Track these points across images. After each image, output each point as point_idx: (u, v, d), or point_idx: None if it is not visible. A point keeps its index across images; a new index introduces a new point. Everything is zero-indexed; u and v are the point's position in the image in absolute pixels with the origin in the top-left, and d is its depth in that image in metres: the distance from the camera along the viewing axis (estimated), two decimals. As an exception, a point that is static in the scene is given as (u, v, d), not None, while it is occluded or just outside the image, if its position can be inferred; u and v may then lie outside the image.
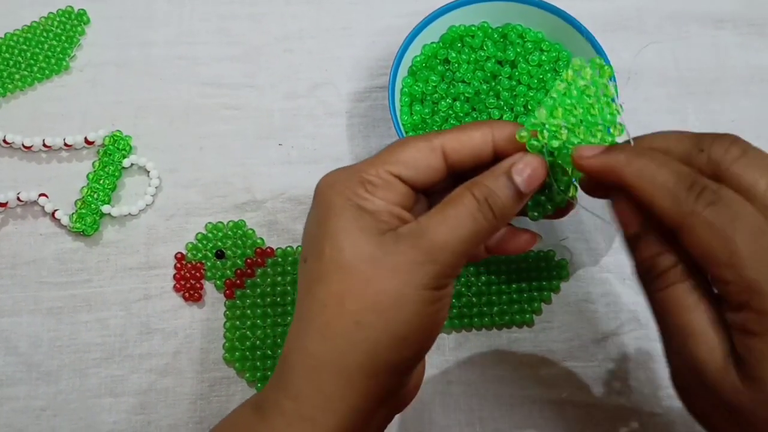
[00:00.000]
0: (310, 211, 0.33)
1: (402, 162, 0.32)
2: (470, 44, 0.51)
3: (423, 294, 0.30)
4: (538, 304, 0.49)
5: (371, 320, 0.30)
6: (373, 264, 0.30)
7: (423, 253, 0.30)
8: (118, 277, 0.49)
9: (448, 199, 0.32)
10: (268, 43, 0.56)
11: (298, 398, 0.30)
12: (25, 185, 0.51)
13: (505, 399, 0.47)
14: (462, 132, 0.33)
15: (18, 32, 0.55)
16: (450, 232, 0.30)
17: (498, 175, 0.32)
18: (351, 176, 0.32)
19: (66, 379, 0.47)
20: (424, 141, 0.33)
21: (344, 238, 0.31)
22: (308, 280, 0.32)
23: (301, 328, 0.31)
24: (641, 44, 0.57)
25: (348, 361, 0.30)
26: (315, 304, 0.31)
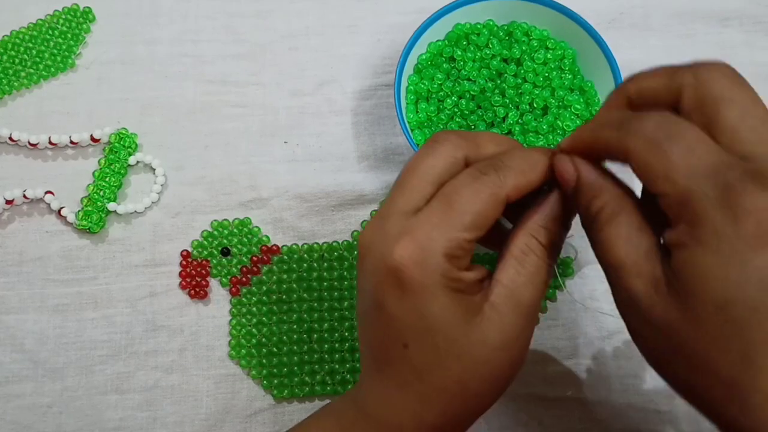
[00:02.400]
0: (392, 292, 0.31)
1: (478, 226, 0.31)
2: (476, 42, 0.51)
3: (525, 352, 0.33)
4: (543, 302, 0.49)
5: (491, 392, 0.33)
6: (486, 346, 0.32)
7: (525, 318, 0.32)
8: (124, 275, 0.49)
9: (519, 252, 0.32)
10: (273, 40, 0.56)
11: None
12: (31, 183, 0.51)
13: (510, 396, 0.47)
14: (523, 179, 0.32)
15: (24, 30, 0.55)
16: (535, 290, 0.32)
17: (554, 218, 0.33)
18: (439, 257, 0.31)
19: (72, 376, 0.47)
20: (493, 197, 0.31)
21: (453, 326, 0.31)
22: (420, 368, 0.32)
23: (415, 409, 0.33)
24: (647, 42, 0.57)
25: (460, 424, 0.34)
26: (431, 389, 0.32)
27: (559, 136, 0.49)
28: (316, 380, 0.47)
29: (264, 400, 0.47)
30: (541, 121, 0.49)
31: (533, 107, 0.50)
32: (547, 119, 0.49)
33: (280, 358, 0.48)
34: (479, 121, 0.50)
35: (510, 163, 0.32)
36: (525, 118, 0.49)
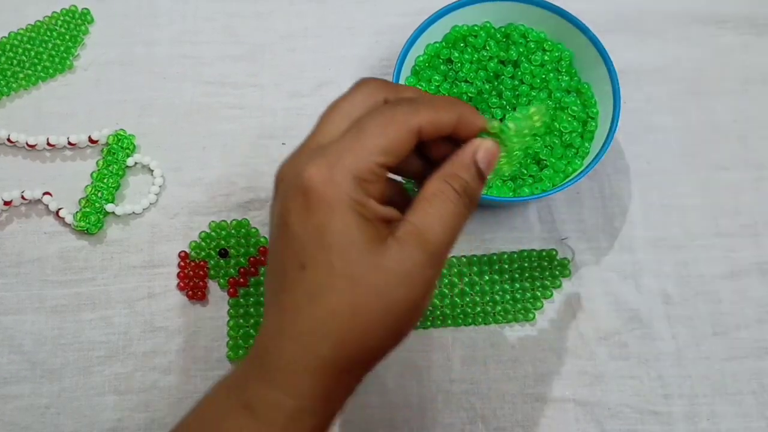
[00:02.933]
0: (297, 210, 0.32)
1: (390, 151, 0.32)
2: (473, 44, 0.51)
3: (429, 292, 0.32)
4: (541, 303, 0.49)
5: (383, 324, 0.31)
6: (384, 273, 0.31)
7: (427, 256, 0.31)
8: (122, 276, 0.49)
9: (429, 194, 0.32)
10: (272, 42, 0.56)
11: (301, 395, 0.31)
12: (30, 184, 0.51)
13: (507, 397, 0.47)
14: (436, 114, 0.33)
15: (22, 31, 0.55)
16: (445, 230, 0.32)
17: (468, 164, 0.33)
18: (346, 174, 0.31)
19: (70, 377, 0.47)
20: (405, 125, 0.32)
21: (353, 249, 0.31)
22: (310, 289, 0.31)
23: (303, 334, 0.31)
24: (643, 44, 0.57)
25: (355, 359, 0.32)
26: (322, 313, 0.31)
27: (556, 138, 0.49)
28: (314, 381, 0.47)
29: (262, 400, 0.47)
30: (538, 123, 0.49)
31: (530, 109, 0.50)
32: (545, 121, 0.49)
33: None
34: (477, 123, 0.50)
35: (423, 100, 0.34)
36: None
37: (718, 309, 0.49)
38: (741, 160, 0.54)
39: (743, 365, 0.48)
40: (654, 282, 0.50)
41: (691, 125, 0.55)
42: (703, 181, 0.53)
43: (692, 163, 0.53)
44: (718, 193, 0.53)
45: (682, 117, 0.55)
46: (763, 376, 0.48)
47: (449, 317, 0.49)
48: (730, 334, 0.49)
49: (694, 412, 0.47)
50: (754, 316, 0.49)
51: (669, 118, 0.55)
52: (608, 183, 0.53)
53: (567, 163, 0.49)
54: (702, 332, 0.49)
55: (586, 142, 0.49)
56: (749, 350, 0.48)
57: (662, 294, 0.50)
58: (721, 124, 0.55)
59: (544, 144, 0.49)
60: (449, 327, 0.49)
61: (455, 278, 0.50)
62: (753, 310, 0.49)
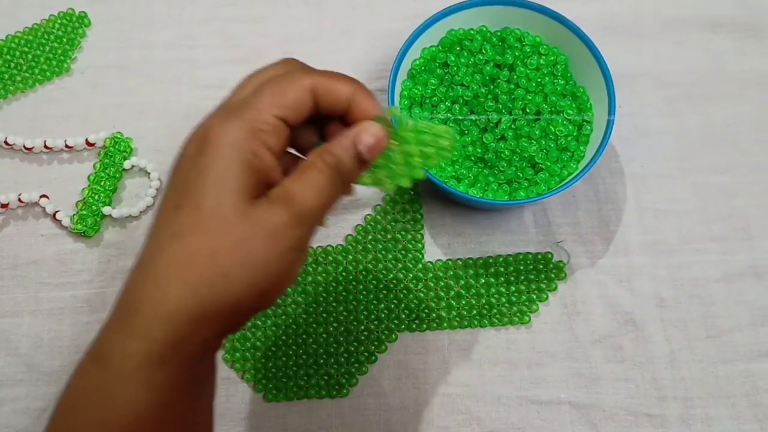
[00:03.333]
0: (189, 153, 0.33)
1: (286, 105, 0.33)
2: (469, 48, 0.51)
3: (290, 255, 0.32)
4: (536, 306, 0.50)
5: (239, 275, 0.31)
6: (249, 224, 0.31)
7: (293, 217, 0.32)
8: (118, 278, 0.49)
9: (304, 165, 0.33)
10: (268, 45, 0.57)
11: (148, 340, 0.30)
12: (26, 186, 0.51)
13: (502, 399, 0.48)
14: (330, 80, 0.34)
15: (19, 34, 0.56)
16: (312, 197, 0.33)
17: (346, 145, 0.34)
18: (242, 124, 0.32)
19: (66, 379, 0.47)
20: (300, 81, 0.34)
21: (228, 195, 0.31)
22: (178, 228, 0.32)
23: (158, 273, 0.31)
24: (638, 48, 0.57)
25: (208, 307, 0.31)
26: (182, 253, 0.31)
27: (551, 141, 0.49)
28: (311, 384, 0.47)
29: (258, 403, 0.47)
30: (533, 127, 0.49)
31: (526, 112, 0.50)
32: (540, 124, 0.50)
33: (275, 362, 0.48)
34: (472, 126, 0.50)
35: (321, 69, 0.35)
36: (518, 123, 0.50)
37: (712, 312, 0.50)
38: (735, 164, 0.54)
39: (737, 368, 0.48)
40: (648, 285, 0.50)
41: (685, 129, 0.55)
42: (698, 185, 0.53)
43: (687, 167, 0.54)
44: (712, 197, 0.53)
45: (676, 121, 0.55)
46: (757, 378, 0.48)
47: (445, 320, 0.49)
48: (724, 337, 0.49)
49: (688, 415, 0.47)
50: (748, 319, 0.49)
51: (663, 122, 0.55)
52: (603, 186, 0.53)
53: (562, 166, 0.49)
54: (696, 335, 0.49)
55: (582, 145, 0.50)
56: (743, 353, 0.49)
57: (656, 297, 0.50)
58: (715, 128, 0.55)
59: (539, 147, 0.49)
60: (445, 330, 0.49)
61: (451, 281, 0.50)
62: (746, 314, 0.50)
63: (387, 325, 0.49)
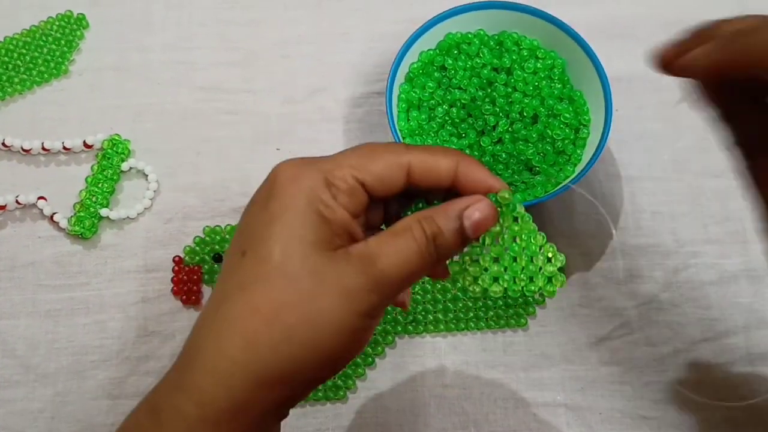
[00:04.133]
0: (259, 200, 0.31)
1: (370, 172, 0.31)
2: (467, 51, 0.52)
3: (361, 321, 0.30)
4: (533, 309, 0.50)
5: (304, 336, 0.29)
6: (320, 281, 0.29)
7: (371, 282, 0.29)
8: (116, 280, 0.50)
9: (398, 228, 0.31)
10: (265, 48, 0.57)
11: (203, 403, 0.28)
12: (24, 188, 0.51)
13: (499, 402, 0.48)
14: (430, 155, 0.32)
15: (18, 36, 0.56)
16: (398, 265, 0.30)
17: (451, 216, 0.31)
18: (316, 174, 0.30)
19: (64, 381, 0.47)
20: (394, 155, 0.32)
21: (297, 246, 0.29)
22: (243, 278, 0.30)
23: (221, 329, 0.29)
24: (635, 52, 0.57)
25: (271, 372, 0.29)
26: (246, 307, 0.29)
27: (548, 145, 0.50)
28: (308, 386, 0.47)
29: (255, 405, 0.47)
30: (530, 130, 0.50)
31: (523, 116, 0.50)
32: (537, 128, 0.50)
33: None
34: (470, 130, 0.50)
35: (423, 146, 0.33)
36: (515, 126, 0.50)
37: (708, 315, 0.50)
38: (730, 168, 0.54)
39: (733, 371, 0.49)
40: (644, 288, 0.51)
41: (681, 133, 0.55)
42: (693, 188, 0.53)
43: (682, 170, 0.54)
44: (707, 200, 0.53)
45: (672, 124, 0.55)
46: (752, 382, 0.48)
47: (442, 322, 0.49)
48: (720, 340, 0.49)
49: (683, 418, 0.47)
50: (743, 323, 0.50)
51: (660, 125, 0.55)
52: (600, 190, 0.53)
53: (559, 169, 0.49)
54: (691, 338, 0.49)
55: (578, 149, 0.50)
56: (738, 356, 0.49)
57: (652, 300, 0.50)
58: (710, 131, 0.55)
59: (537, 151, 0.49)
60: (442, 332, 0.49)
61: (448, 284, 0.50)
62: (742, 317, 0.50)
63: (384, 328, 0.49)
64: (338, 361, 0.31)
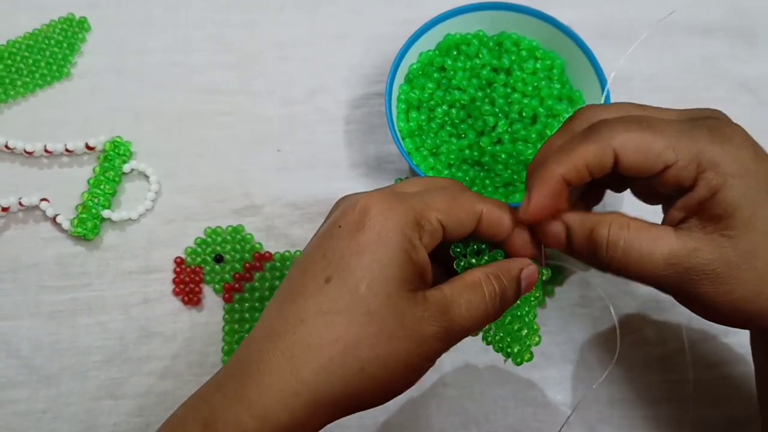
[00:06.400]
0: (346, 226, 0.32)
1: (452, 216, 0.33)
2: (466, 52, 0.52)
3: (426, 365, 0.32)
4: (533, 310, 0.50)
5: (376, 373, 0.30)
6: (399, 322, 0.30)
7: (443, 331, 0.31)
8: (118, 281, 0.50)
9: (471, 281, 0.33)
10: (263, 50, 0.57)
11: (264, 418, 0.29)
12: (27, 190, 0.52)
13: (499, 401, 0.48)
14: (499, 210, 0.34)
15: (20, 39, 0.56)
16: (468, 318, 0.32)
17: (514, 276, 0.34)
18: (409, 213, 0.31)
19: (66, 381, 0.47)
20: (472, 204, 0.34)
21: (384, 283, 0.30)
22: (325, 305, 0.30)
23: (294, 349, 0.30)
24: (633, 52, 0.57)
25: (335, 397, 0.30)
26: (325, 335, 0.30)
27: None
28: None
29: (256, 405, 0.47)
30: (530, 130, 0.50)
31: (522, 116, 0.50)
32: (536, 128, 0.50)
33: (273, 364, 0.48)
34: (469, 130, 0.50)
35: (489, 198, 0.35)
36: (514, 126, 0.50)
37: (708, 314, 0.50)
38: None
39: (733, 370, 0.49)
40: (644, 288, 0.50)
41: (681, 132, 0.55)
42: (693, 188, 0.54)
43: (682, 170, 0.54)
44: (707, 200, 0.53)
45: (671, 124, 0.55)
46: (752, 381, 0.48)
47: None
48: (719, 339, 0.49)
49: (683, 417, 0.48)
50: (743, 322, 0.50)
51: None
52: (599, 189, 0.53)
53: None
54: (692, 338, 0.49)
55: (578, 149, 0.50)
56: (738, 356, 0.49)
57: (653, 300, 0.50)
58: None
59: (536, 152, 0.50)
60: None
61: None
62: (741, 316, 0.50)
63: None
64: (394, 394, 0.32)
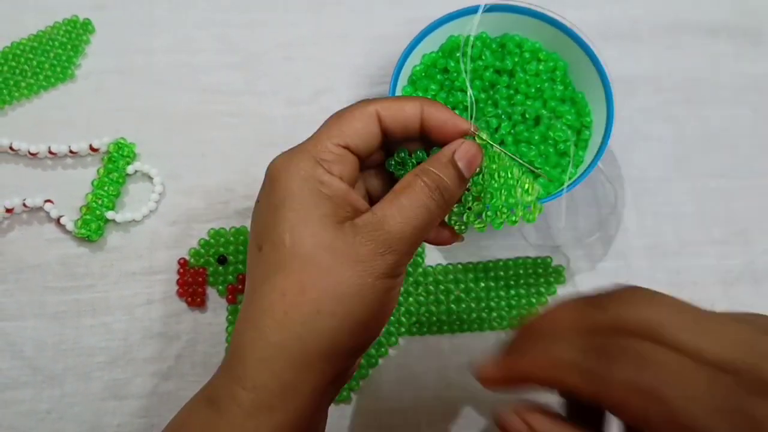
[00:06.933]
0: (261, 195, 0.33)
1: (347, 134, 0.33)
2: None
3: (382, 282, 0.31)
4: (536, 309, 0.50)
5: (333, 308, 0.30)
6: (333, 254, 0.31)
7: (382, 245, 0.31)
8: (121, 282, 0.50)
9: (399, 187, 0.32)
10: (268, 50, 0.57)
11: (255, 388, 0.30)
12: (31, 191, 0.52)
13: (502, 403, 0.48)
14: (394, 102, 0.34)
15: (24, 41, 0.56)
16: (406, 222, 0.31)
17: (444, 162, 0.33)
18: (304, 156, 0.32)
19: (70, 382, 0.48)
20: (360, 110, 0.33)
21: (304, 227, 0.31)
22: (265, 269, 0.31)
23: (256, 318, 0.31)
24: (637, 53, 0.57)
25: (308, 348, 0.30)
26: (273, 293, 0.31)
27: (550, 147, 0.50)
28: (312, 386, 0.48)
29: (260, 406, 0.48)
30: (533, 131, 0.50)
31: (525, 118, 0.50)
32: (539, 129, 0.50)
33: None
34: (472, 132, 0.50)
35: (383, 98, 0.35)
36: (517, 128, 0.50)
37: (711, 315, 0.50)
38: (733, 168, 0.54)
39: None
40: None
41: (683, 134, 0.55)
42: (696, 189, 0.54)
43: (685, 171, 0.54)
44: (710, 201, 0.53)
45: (675, 125, 0.55)
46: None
47: (445, 324, 0.49)
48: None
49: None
50: (746, 323, 0.50)
51: (662, 126, 0.55)
52: (602, 191, 0.53)
53: (561, 171, 0.50)
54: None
55: (581, 150, 0.50)
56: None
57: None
58: (713, 132, 0.55)
59: (539, 153, 0.50)
60: (445, 334, 0.49)
61: (451, 285, 0.50)
62: (744, 317, 0.50)
63: (388, 329, 0.49)
64: (372, 325, 0.32)
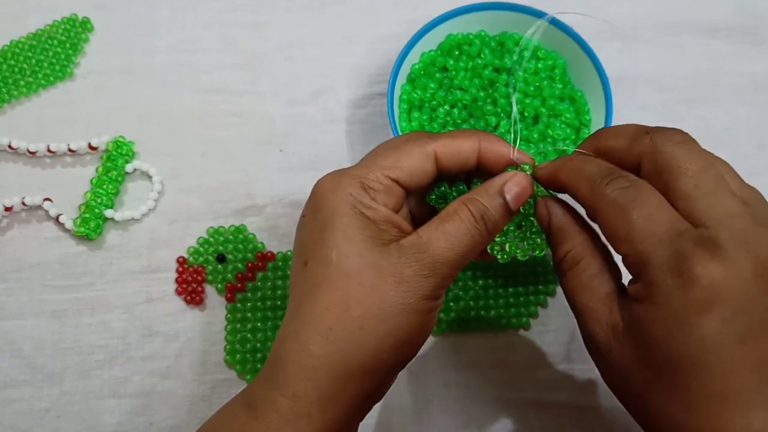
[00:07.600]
0: (308, 214, 0.35)
1: (401, 168, 0.34)
2: (468, 52, 0.52)
3: (424, 303, 0.33)
4: (535, 308, 0.50)
5: (375, 326, 0.32)
6: (378, 273, 0.32)
7: (426, 267, 0.32)
8: (120, 281, 0.50)
9: (446, 213, 0.34)
10: (269, 50, 0.57)
11: (295, 396, 0.31)
12: (30, 190, 0.52)
13: (502, 402, 0.48)
14: (452, 140, 0.35)
15: (23, 39, 0.56)
16: (450, 248, 0.33)
17: (492, 193, 0.34)
18: (352, 181, 0.33)
19: (69, 380, 0.48)
20: (419, 148, 0.35)
21: (351, 246, 0.32)
22: (310, 284, 0.33)
23: (299, 330, 0.32)
24: (636, 52, 0.57)
25: (350, 362, 0.32)
26: (317, 308, 0.32)
27: (549, 145, 0.50)
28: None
29: (259, 404, 0.48)
30: (532, 130, 0.50)
31: (524, 116, 0.50)
32: (538, 128, 0.50)
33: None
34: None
35: (444, 133, 0.36)
36: (516, 127, 0.50)
37: (710, 314, 0.50)
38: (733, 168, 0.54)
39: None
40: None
41: (683, 132, 0.55)
42: (696, 188, 0.53)
43: (685, 170, 0.54)
44: (710, 200, 0.53)
45: (674, 125, 0.55)
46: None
47: (444, 322, 0.49)
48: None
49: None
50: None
51: (661, 125, 0.55)
52: (602, 189, 0.53)
53: (561, 170, 0.49)
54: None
55: (580, 149, 0.50)
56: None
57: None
58: (713, 132, 0.55)
59: (538, 151, 0.50)
60: (444, 333, 0.49)
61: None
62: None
63: (386, 327, 0.49)
64: (409, 343, 0.34)
